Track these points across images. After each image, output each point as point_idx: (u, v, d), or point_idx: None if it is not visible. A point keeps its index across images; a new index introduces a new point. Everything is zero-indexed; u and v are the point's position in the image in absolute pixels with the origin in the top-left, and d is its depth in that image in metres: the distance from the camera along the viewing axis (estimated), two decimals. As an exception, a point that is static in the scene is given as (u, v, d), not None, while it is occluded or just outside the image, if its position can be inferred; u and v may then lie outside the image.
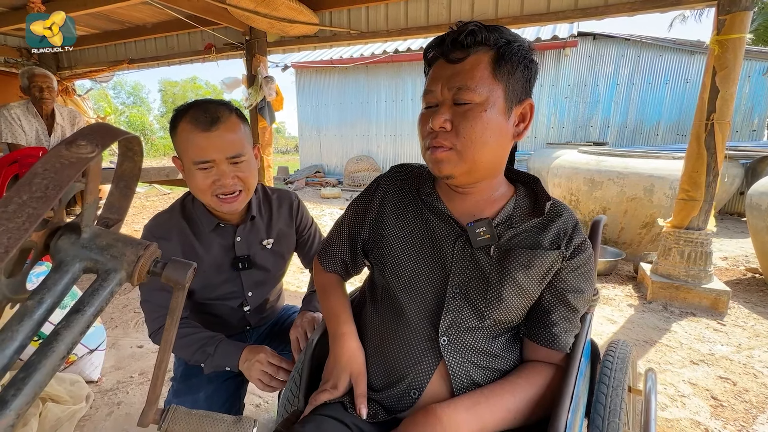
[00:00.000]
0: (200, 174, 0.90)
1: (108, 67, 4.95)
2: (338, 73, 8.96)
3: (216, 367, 0.95)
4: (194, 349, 0.95)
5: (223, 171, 0.90)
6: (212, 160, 0.89)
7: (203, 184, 0.90)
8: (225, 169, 0.90)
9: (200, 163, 0.88)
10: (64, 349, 0.34)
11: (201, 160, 0.88)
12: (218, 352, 0.94)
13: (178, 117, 0.91)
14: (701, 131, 2.42)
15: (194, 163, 0.89)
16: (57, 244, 0.39)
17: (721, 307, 2.45)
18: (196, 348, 0.95)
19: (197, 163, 0.89)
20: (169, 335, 0.45)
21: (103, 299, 0.38)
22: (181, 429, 0.47)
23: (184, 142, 0.89)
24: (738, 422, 1.52)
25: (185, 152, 0.90)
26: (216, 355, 0.94)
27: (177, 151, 0.94)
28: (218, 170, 0.90)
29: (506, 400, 0.65)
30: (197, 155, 0.88)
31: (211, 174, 0.90)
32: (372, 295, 0.83)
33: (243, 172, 0.93)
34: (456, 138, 0.66)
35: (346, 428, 0.66)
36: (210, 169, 0.89)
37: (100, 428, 1.46)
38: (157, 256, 0.43)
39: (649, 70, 6.76)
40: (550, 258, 0.70)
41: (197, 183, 0.91)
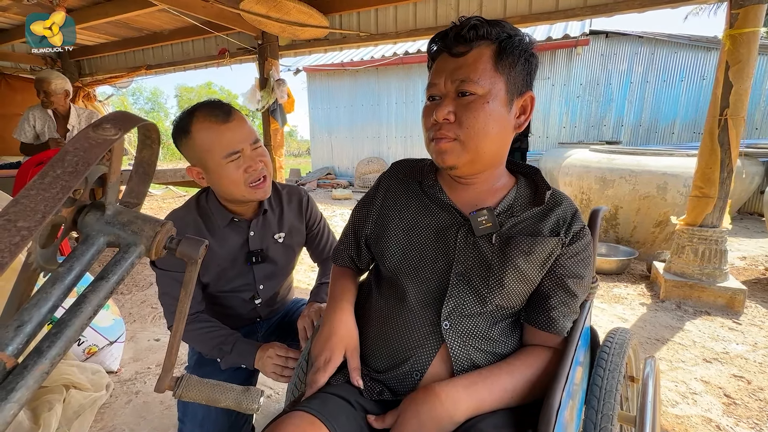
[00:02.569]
0: (232, 166, 0.92)
1: (127, 72, 5.12)
2: (349, 76, 9.05)
3: (232, 364, 0.99)
4: (212, 345, 1.00)
5: (251, 157, 0.94)
6: (240, 150, 0.92)
7: (236, 175, 0.93)
8: (252, 155, 0.94)
9: (231, 154, 0.91)
10: (90, 310, 0.38)
11: (232, 151, 0.91)
12: (234, 351, 0.98)
13: (188, 122, 0.92)
14: (714, 127, 2.38)
15: (225, 157, 0.91)
16: (84, 219, 0.43)
17: (737, 306, 2.40)
18: (213, 345, 0.99)
19: (228, 155, 0.91)
20: (183, 306, 0.49)
21: (124, 269, 0.42)
22: (194, 396, 0.51)
23: (207, 141, 0.91)
24: (751, 420, 1.50)
25: (210, 151, 0.91)
26: (233, 354, 0.98)
27: (195, 156, 0.94)
28: (245, 158, 0.93)
29: (504, 380, 0.68)
30: (228, 147, 0.91)
31: (240, 164, 0.93)
32: (377, 282, 0.86)
33: (264, 156, 0.98)
34: (459, 129, 0.68)
35: (350, 406, 0.69)
36: (239, 159, 0.93)
37: (120, 415, 1.52)
38: (173, 234, 0.47)
39: (664, 68, 6.64)
40: (550, 244, 0.72)
41: (231, 177, 0.93)
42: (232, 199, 1.00)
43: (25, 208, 0.32)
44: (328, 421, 0.62)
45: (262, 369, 0.96)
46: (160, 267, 0.99)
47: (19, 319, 0.35)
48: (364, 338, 0.80)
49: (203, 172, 0.96)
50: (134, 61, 5.12)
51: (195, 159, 0.95)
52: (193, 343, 1.03)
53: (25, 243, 0.30)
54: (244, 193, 0.96)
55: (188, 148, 0.94)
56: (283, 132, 4.16)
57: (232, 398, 0.52)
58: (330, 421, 0.63)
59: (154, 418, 1.50)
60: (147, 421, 1.49)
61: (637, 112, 6.92)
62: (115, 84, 5.46)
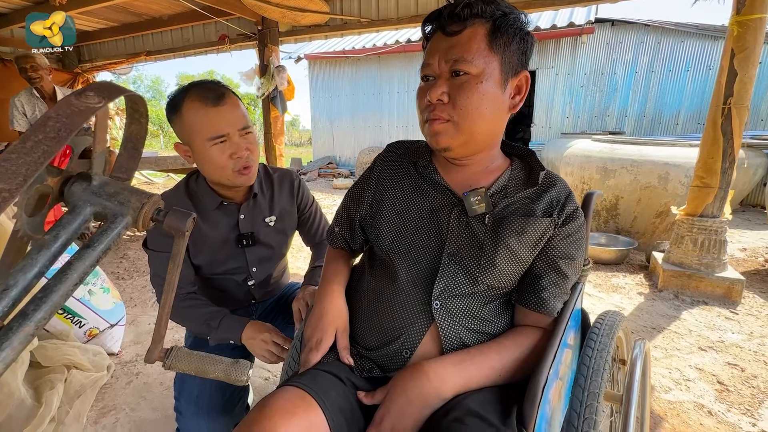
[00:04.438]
0: (216, 150, 0.92)
1: (126, 59, 5.09)
2: (350, 64, 8.96)
3: (220, 339, 1.00)
4: (200, 322, 1.00)
5: (237, 143, 0.93)
6: (226, 134, 0.92)
7: (221, 159, 0.92)
8: (239, 141, 0.93)
9: (216, 138, 0.91)
10: (76, 277, 0.39)
11: (217, 135, 0.91)
12: (222, 326, 0.99)
13: (180, 99, 0.92)
14: (718, 116, 2.36)
15: (209, 140, 0.91)
16: (70, 189, 0.43)
17: (735, 296, 2.40)
18: (201, 321, 1.00)
19: (213, 138, 0.91)
20: (171, 279, 0.49)
21: (111, 239, 0.42)
22: (183, 366, 0.52)
23: (194, 121, 0.91)
24: (743, 406, 1.51)
25: (196, 132, 0.91)
26: (220, 329, 0.99)
27: (183, 134, 0.94)
28: (232, 143, 0.93)
29: (492, 359, 0.68)
30: (213, 130, 0.90)
31: (226, 148, 0.92)
32: (370, 263, 0.87)
33: (252, 144, 0.97)
34: (453, 110, 0.68)
35: (341, 382, 0.70)
36: (224, 143, 0.92)
37: (120, 395, 1.55)
38: (160, 206, 0.47)
39: (670, 57, 6.53)
40: (543, 225, 0.72)
41: (214, 160, 0.92)
42: (217, 182, 1.00)
43: (6, 171, 0.32)
44: (318, 396, 0.63)
45: (251, 348, 0.96)
46: (151, 248, 1.00)
47: (4, 284, 0.35)
48: (355, 317, 0.81)
49: (190, 150, 0.95)
50: (134, 48, 5.09)
51: (183, 137, 0.95)
52: (182, 320, 1.04)
53: (6, 204, 0.31)
54: (229, 177, 0.96)
55: (178, 125, 0.94)
56: (283, 120, 4.14)
57: (221, 369, 0.53)
58: (320, 396, 0.64)
59: (154, 398, 1.53)
60: (147, 401, 1.52)
61: (642, 103, 6.84)
62: (115, 70, 5.43)
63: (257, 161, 1.01)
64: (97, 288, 1.85)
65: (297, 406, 0.61)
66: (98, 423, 1.41)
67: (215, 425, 0.99)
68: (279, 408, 0.60)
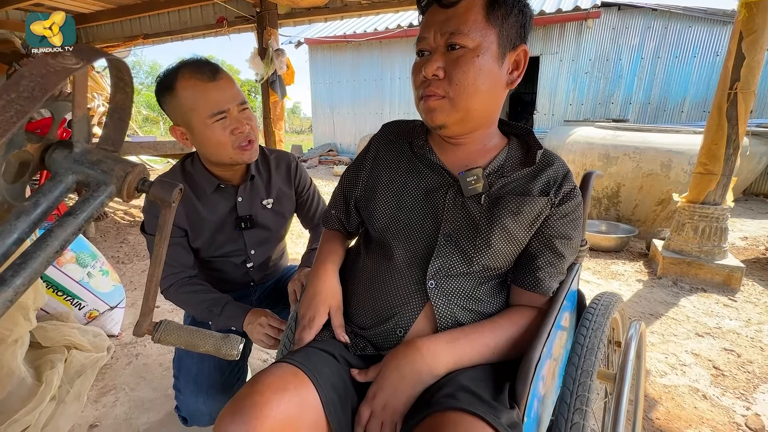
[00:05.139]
0: (218, 127, 0.90)
1: (124, 42, 5.01)
2: (351, 49, 8.82)
3: (222, 326, 1.00)
4: (202, 308, 1.00)
5: (237, 119, 0.91)
6: (227, 110, 0.90)
7: (223, 137, 0.90)
8: (239, 116, 0.91)
9: (217, 114, 0.88)
10: (57, 245, 0.38)
11: (218, 111, 0.88)
12: (224, 314, 0.99)
13: (173, 78, 0.88)
14: (723, 101, 2.32)
15: (210, 117, 0.88)
16: (51, 156, 0.42)
17: (734, 284, 2.40)
18: (204, 307, 1.00)
19: (214, 114, 0.88)
20: (159, 250, 0.49)
21: (93, 207, 0.42)
22: (173, 340, 0.52)
23: (191, 99, 0.88)
24: (738, 390, 1.52)
25: (195, 110, 0.88)
26: (222, 316, 0.99)
27: (178, 114, 0.91)
28: (232, 119, 0.91)
29: (486, 337, 0.68)
30: (214, 106, 0.88)
31: (227, 125, 0.90)
32: (366, 245, 0.86)
33: (251, 119, 0.95)
34: (449, 86, 0.66)
35: (334, 360, 0.70)
36: (225, 119, 0.90)
37: (120, 375, 1.56)
38: (145, 176, 0.46)
39: (677, 43, 6.41)
40: (539, 204, 0.70)
41: (218, 137, 0.90)
42: (218, 162, 0.98)
43: (-23, 130, 0.31)
44: (311, 373, 0.63)
45: (250, 334, 0.97)
46: (149, 232, 0.99)
47: (-18, 249, 0.35)
48: (350, 297, 0.81)
49: (187, 132, 0.93)
50: (131, 31, 5.01)
51: (179, 118, 0.92)
52: (184, 305, 1.04)
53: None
54: (231, 155, 0.94)
55: (172, 106, 0.90)
56: (283, 104, 4.09)
57: (211, 344, 0.53)
58: (313, 373, 0.63)
59: (154, 379, 1.54)
60: (146, 381, 1.53)
61: (647, 90, 6.73)
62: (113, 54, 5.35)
63: (258, 137, 1.00)
64: (96, 271, 1.86)
65: (289, 382, 0.61)
66: (98, 402, 1.42)
67: (213, 403, 1.00)
68: (271, 383, 0.60)
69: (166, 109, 0.93)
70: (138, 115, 16.42)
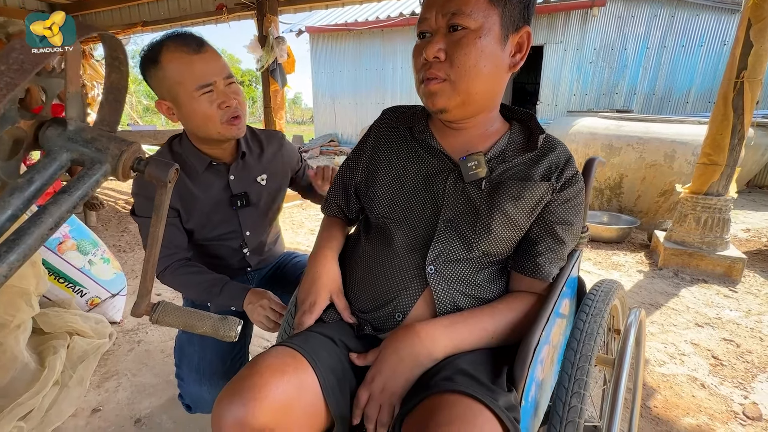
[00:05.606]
0: (205, 100, 0.88)
1: (122, 29, 4.96)
2: (353, 38, 8.72)
3: (222, 306, 1.00)
4: (201, 289, 0.99)
5: (224, 92, 0.90)
6: (213, 82, 0.88)
7: (210, 110, 0.89)
8: (225, 90, 0.90)
9: (204, 87, 0.87)
10: (51, 222, 0.38)
11: (205, 83, 0.87)
12: (224, 293, 0.98)
13: (158, 51, 0.87)
14: (729, 90, 2.29)
15: (198, 89, 0.87)
16: (45, 134, 0.41)
17: (735, 275, 2.40)
18: (203, 288, 0.99)
19: (201, 87, 0.87)
20: (155, 231, 0.48)
21: (88, 186, 0.41)
22: (171, 321, 0.52)
23: (177, 71, 0.86)
24: (736, 380, 1.53)
25: (181, 83, 0.87)
26: (222, 296, 0.98)
27: (164, 88, 0.89)
28: (219, 93, 0.89)
29: (485, 321, 0.68)
30: (200, 79, 0.87)
31: (213, 98, 0.89)
32: (366, 231, 0.86)
33: (238, 93, 0.93)
34: (450, 68, 0.65)
35: (333, 343, 0.70)
36: (212, 92, 0.89)
37: (122, 361, 1.58)
38: (141, 156, 0.46)
39: (684, 32, 6.30)
40: (541, 190, 0.70)
41: (204, 110, 0.89)
42: (206, 137, 0.96)
43: (-34, 101, 0.30)
44: (310, 356, 0.63)
45: (250, 314, 0.96)
46: (139, 215, 0.99)
47: (-25, 225, 0.34)
48: (350, 281, 0.81)
49: (174, 106, 0.91)
50: (129, 18, 4.95)
51: (164, 92, 0.90)
52: (183, 288, 1.04)
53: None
54: (219, 130, 0.93)
55: (157, 80, 0.89)
56: (283, 93, 4.06)
57: (209, 325, 0.53)
58: (311, 356, 0.63)
59: (156, 365, 1.56)
60: (148, 367, 1.55)
61: (652, 80, 6.65)
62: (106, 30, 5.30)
63: (246, 113, 0.98)
64: (97, 258, 1.86)
65: (287, 365, 0.61)
66: (101, 387, 1.44)
67: (217, 390, 1.00)
68: (269, 366, 0.60)
69: (151, 83, 0.91)
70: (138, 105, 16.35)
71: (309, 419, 0.60)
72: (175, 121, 0.95)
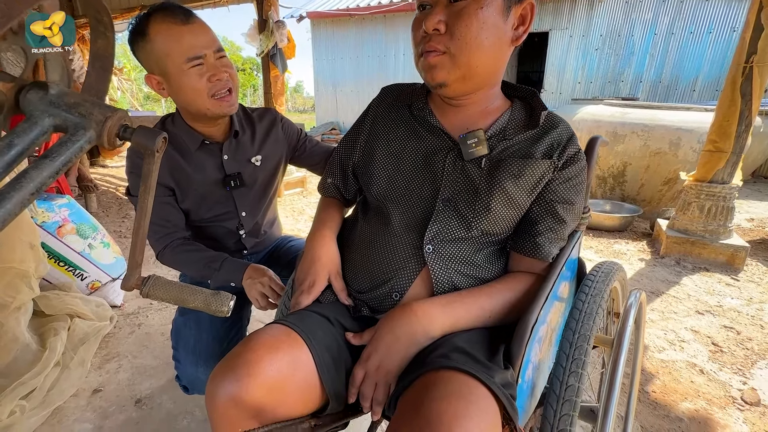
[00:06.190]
0: (194, 73, 0.86)
1: (121, 14, 4.89)
2: (355, 24, 8.58)
3: (222, 282, 0.98)
4: (201, 265, 0.99)
5: (214, 65, 0.88)
6: (203, 55, 0.86)
7: (199, 84, 0.87)
8: (216, 63, 0.88)
9: (193, 59, 0.85)
10: (33, 187, 0.36)
11: (194, 56, 0.85)
12: (224, 268, 0.97)
13: (145, 23, 0.85)
14: (738, 75, 2.24)
15: (187, 61, 0.85)
16: (26, 97, 0.40)
17: (738, 263, 2.38)
18: (202, 264, 0.98)
19: (190, 60, 0.85)
20: (144, 202, 0.47)
21: (71, 152, 0.40)
22: (162, 295, 0.51)
23: (165, 43, 0.84)
24: (735, 366, 1.53)
25: (170, 55, 0.85)
26: (221, 270, 0.97)
27: (152, 61, 0.87)
28: (209, 66, 0.87)
29: (482, 300, 0.67)
30: (189, 51, 0.84)
31: (203, 71, 0.87)
32: (363, 212, 0.85)
33: (229, 67, 0.91)
34: (450, 40, 0.62)
35: (328, 322, 0.69)
36: (202, 66, 0.87)
37: (123, 344, 1.59)
38: (127, 123, 0.44)
39: (693, 18, 6.16)
40: (542, 167, 0.68)
41: (193, 84, 0.87)
42: (196, 112, 0.94)
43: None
44: (304, 333, 0.63)
45: (247, 290, 0.95)
46: (134, 195, 0.97)
47: (-48, 188, 0.33)
48: (346, 263, 0.80)
49: (163, 80, 0.89)
50: (128, 2, 4.87)
51: (153, 65, 0.88)
52: (182, 266, 1.03)
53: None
54: (208, 106, 0.91)
55: (146, 53, 0.87)
56: (284, 79, 4.01)
57: (201, 299, 0.52)
58: (306, 334, 0.63)
59: (156, 347, 1.57)
60: (149, 349, 1.56)
61: (659, 68, 6.53)
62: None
63: (237, 87, 0.96)
64: (97, 242, 1.86)
65: (282, 342, 0.60)
66: (102, 368, 1.45)
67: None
68: (263, 342, 0.59)
69: (140, 57, 0.89)
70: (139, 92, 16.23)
71: (304, 396, 0.60)
72: (166, 96, 0.93)
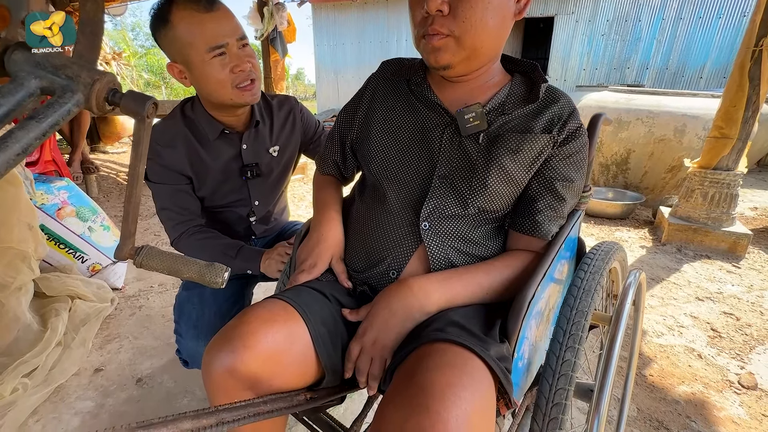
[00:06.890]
0: (217, 63, 0.85)
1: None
2: (356, 9, 8.43)
3: (237, 270, 0.98)
4: (216, 252, 0.98)
5: (237, 55, 0.86)
6: (226, 44, 0.85)
7: (222, 74, 0.86)
8: (239, 53, 0.86)
9: (216, 48, 0.83)
10: (18, 148, 0.36)
11: (217, 45, 0.83)
12: (240, 256, 0.97)
13: (167, 9, 0.83)
14: (747, 59, 2.19)
15: (210, 50, 0.83)
16: (11, 58, 0.39)
17: (740, 251, 2.37)
18: (218, 252, 0.98)
19: (213, 49, 0.83)
20: (135, 170, 0.46)
21: (59, 114, 0.39)
22: (155, 265, 0.50)
23: (188, 31, 0.83)
24: (734, 351, 1.53)
25: (193, 44, 0.83)
26: (238, 258, 0.97)
27: (175, 49, 0.86)
28: (232, 56, 0.86)
29: (479, 277, 0.66)
30: (212, 40, 0.83)
31: (226, 62, 0.86)
32: (360, 189, 0.84)
33: (252, 56, 0.89)
34: (454, 22, 0.60)
35: (325, 298, 0.69)
36: (224, 56, 0.85)
37: (124, 325, 1.60)
38: (116, 87, 0.43)
39: (702, 2, 6.02)
40: (541, 142, 0.67)
41: (216, 74, 0.85)
42: (218, 103, 0.93)
43: None
44: (301, 308, 0.63)
45: (267, 270, 0.95)
46: (152, 180, 0.97)
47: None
48: (345, 242, 0.79)
49: (186, 70, 0.88)
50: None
51: (176, 53, 0.87)
52: (196, 252, 1.02)
53: None
54: (231, 96, 0.89)
55: (168, 41, 0.85)
56: (284, 64, 3.96)
57: (195, 270, 0.52)
58: (303, 308, 0.63)
59: (156, 328, 1.58)
60: (149, 330, 1.57)
61: (666, 54, 6.41)
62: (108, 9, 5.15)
63: (260, 77, 0.94)
64: (97, 225, 1.87)
65: (278, 315, 0.60)
66: (103, 348, 1.46)
67: None
68: (259, 316, 0.59)
69: (162, 44, 0.88)
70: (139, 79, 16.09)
71: (300, 369, 0.60)
72: (188, 85, 0.91)
